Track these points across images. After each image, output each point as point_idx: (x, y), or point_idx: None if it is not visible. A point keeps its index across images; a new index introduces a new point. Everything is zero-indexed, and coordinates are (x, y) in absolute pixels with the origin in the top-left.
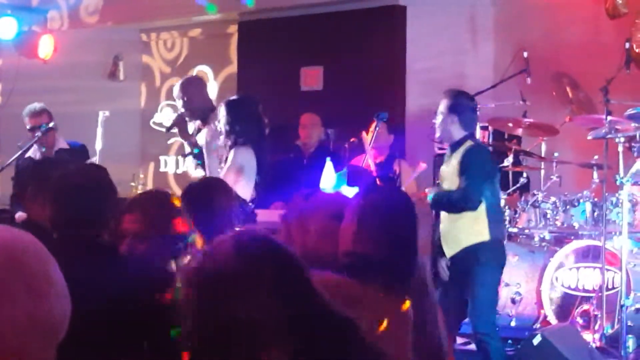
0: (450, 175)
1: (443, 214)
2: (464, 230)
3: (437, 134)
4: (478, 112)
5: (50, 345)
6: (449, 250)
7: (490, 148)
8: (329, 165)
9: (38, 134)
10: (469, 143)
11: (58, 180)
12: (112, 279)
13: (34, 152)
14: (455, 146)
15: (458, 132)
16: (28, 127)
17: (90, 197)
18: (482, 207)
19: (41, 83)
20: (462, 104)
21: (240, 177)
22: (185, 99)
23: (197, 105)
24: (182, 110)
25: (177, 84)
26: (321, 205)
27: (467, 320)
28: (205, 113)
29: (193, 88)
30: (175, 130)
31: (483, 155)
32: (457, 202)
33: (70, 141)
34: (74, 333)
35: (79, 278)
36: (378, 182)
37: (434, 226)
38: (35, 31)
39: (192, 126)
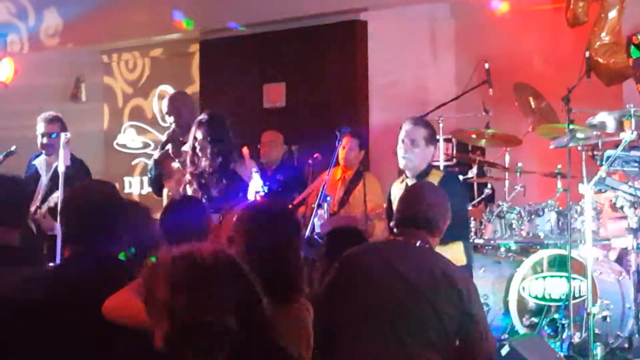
0: None
1: None
2: None
3: (413, 164)
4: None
5: None
6: None
7: (454, 160)
8: (255, 176)
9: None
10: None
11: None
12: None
13: (40, 164)
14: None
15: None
16: (41, 131)
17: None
18: None
19: (2, 106)
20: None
21: None
22: (175, 114)
23: (187, 121)
24: (173, 125)
25: (165, 100)
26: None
27: None
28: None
29: (180, 103)
30: (168, 147)
31: None
32: None
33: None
34: None
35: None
36: (259, 197)
37: None
38: None
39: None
